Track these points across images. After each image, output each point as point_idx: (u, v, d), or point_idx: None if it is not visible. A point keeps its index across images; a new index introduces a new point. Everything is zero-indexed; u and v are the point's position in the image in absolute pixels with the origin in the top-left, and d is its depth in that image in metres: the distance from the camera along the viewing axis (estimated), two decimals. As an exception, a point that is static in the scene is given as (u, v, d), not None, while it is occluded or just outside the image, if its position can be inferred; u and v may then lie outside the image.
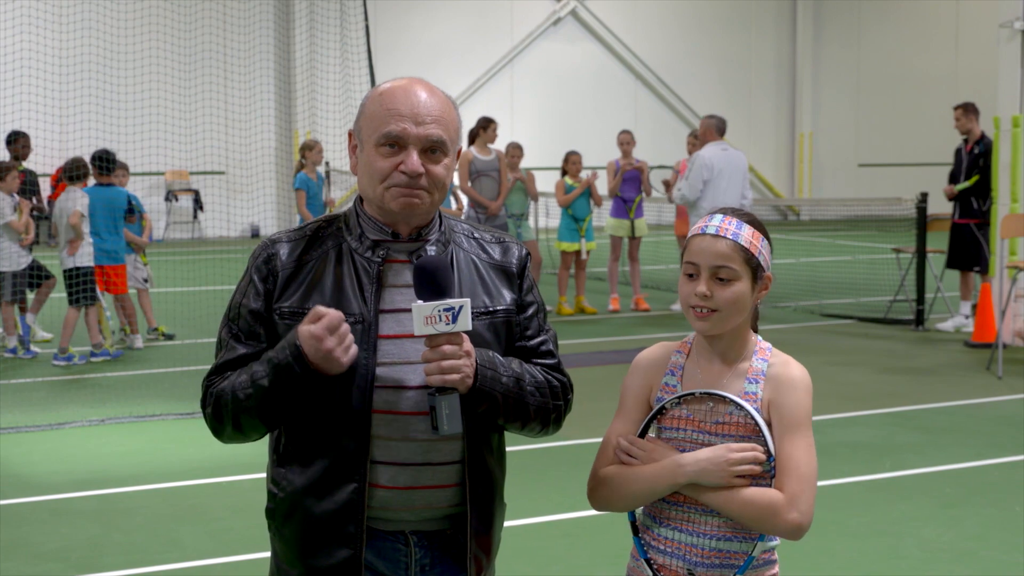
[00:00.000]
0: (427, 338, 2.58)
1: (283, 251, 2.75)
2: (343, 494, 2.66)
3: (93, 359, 11.14)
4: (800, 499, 2.63)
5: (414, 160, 2.68)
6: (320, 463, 2.68)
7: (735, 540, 2.71)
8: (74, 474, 7.50)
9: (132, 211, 11.62)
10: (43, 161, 17.64)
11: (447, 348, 2.57)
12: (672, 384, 2.80)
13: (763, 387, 2.73)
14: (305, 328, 2.58)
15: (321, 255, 2.74)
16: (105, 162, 11.56)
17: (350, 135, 2.80)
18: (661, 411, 2.78)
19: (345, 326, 2.58)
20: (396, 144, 2.68)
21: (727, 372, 2.77)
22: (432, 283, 2.59)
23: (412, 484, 2.69)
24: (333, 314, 2.58)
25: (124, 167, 12.25)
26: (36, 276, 11.70)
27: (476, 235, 2.88)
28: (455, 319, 2.55)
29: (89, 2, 19.67)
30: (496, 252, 2.87)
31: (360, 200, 2.80)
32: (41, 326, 12.43)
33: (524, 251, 2.91)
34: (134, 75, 20.61)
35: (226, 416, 2.68)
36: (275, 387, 2.61)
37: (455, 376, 2.58)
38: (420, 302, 2.57)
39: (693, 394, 2.74)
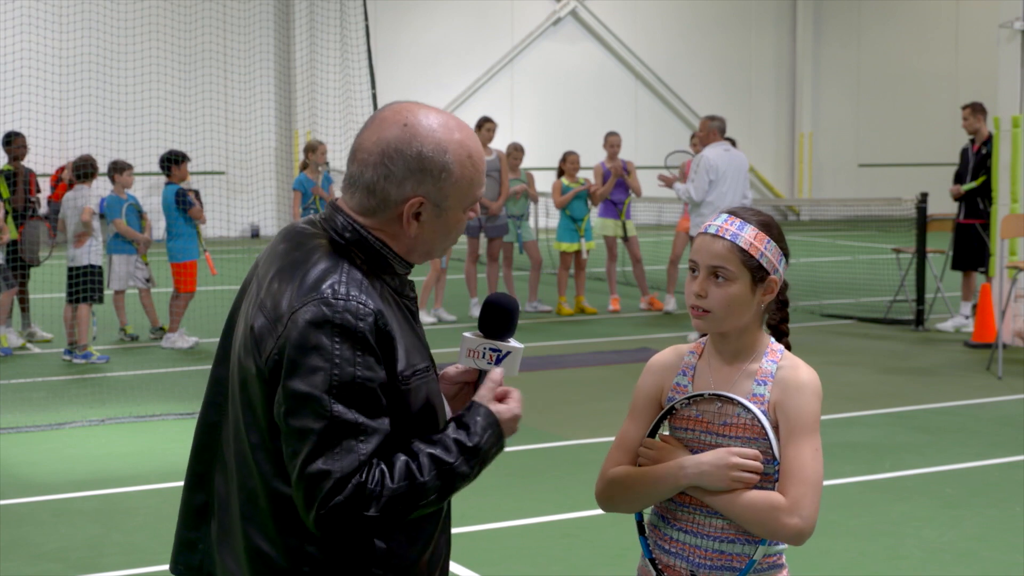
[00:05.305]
0: (484, 373, 2.54)
1: (382, 308, 2.38)
2: (440, 547, 2.55)
3: (65, 356, 11.04)
4: (802, 504, 2.61)
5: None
6: (428, 526, 2.49)
7: (737, 543, 2.70)
8: (74, 474, 7.50)
9: (182, 204, 11.69)
10: (43, 161, 17.60)
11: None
12: (683, 384, 2.79)
13: (770, 389, 2.72)
14: (507, 412, 2.47)
15: (383, 300, 2.42)
16: (164, 161, 11.91)
17: (420, 202, 2.42)
18: (671, 411, 2.77)
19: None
20: None
21: (737, 373, 2.75)
22: (499, 322, 2.56)
23: None
24: (513, 389, 2.51)
25: (129, 167, 12.28)
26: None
27: None
28: (498, 361, 2.53)
29: (89, 2, 19.63)
30: None
31: (371, 232, 2.46)
32: (41, 326, 12.42)
33: None
34: (134, 75, 20.58)
35: (412, 511, 2.37)
36: (477, 476, 2.46)
37: None
38: (469, 334, 2.56)
39: (702, 395, 2.73)
